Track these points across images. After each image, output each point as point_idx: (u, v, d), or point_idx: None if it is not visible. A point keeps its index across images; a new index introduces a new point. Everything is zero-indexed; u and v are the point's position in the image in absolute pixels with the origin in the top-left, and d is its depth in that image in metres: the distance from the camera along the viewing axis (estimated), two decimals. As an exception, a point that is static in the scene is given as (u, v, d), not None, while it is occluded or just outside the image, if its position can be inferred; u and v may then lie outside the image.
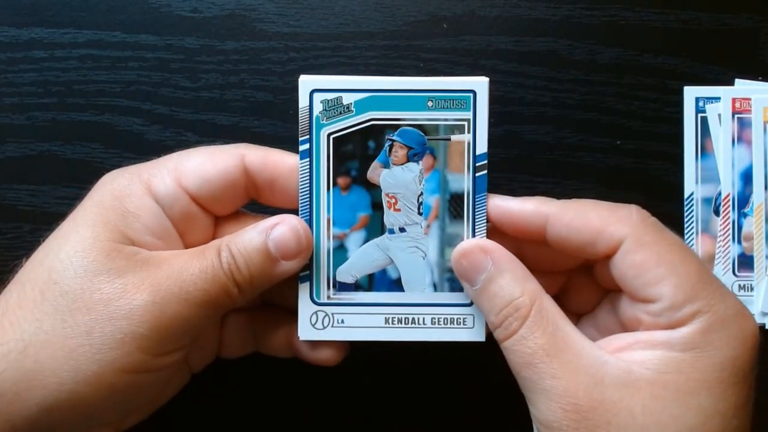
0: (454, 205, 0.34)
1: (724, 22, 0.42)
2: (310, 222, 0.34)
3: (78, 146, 0.41)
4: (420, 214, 0.34)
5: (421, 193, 0.34)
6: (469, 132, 0.34)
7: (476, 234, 0.34)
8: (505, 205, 0.33)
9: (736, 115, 0.42)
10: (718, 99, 0.42)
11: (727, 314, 0.29)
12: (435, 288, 0.34)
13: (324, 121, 0.34)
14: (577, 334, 0.30)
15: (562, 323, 0.31)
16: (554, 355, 0.29)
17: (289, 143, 0.34)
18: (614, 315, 0.34)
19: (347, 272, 0.34)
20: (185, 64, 0.41)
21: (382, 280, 0.34)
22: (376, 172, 0.34)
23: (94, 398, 0.30)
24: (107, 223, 0.32)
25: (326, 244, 0.34)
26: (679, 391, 0.29)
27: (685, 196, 0.42)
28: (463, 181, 0.34)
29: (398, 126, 0.34)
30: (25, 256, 0.33)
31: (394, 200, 0.34)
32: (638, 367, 0.29)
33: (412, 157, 0.34)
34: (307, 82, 0.33)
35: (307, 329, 0.34)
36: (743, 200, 0.41)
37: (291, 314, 0.36)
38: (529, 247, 0.34)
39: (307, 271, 0.34)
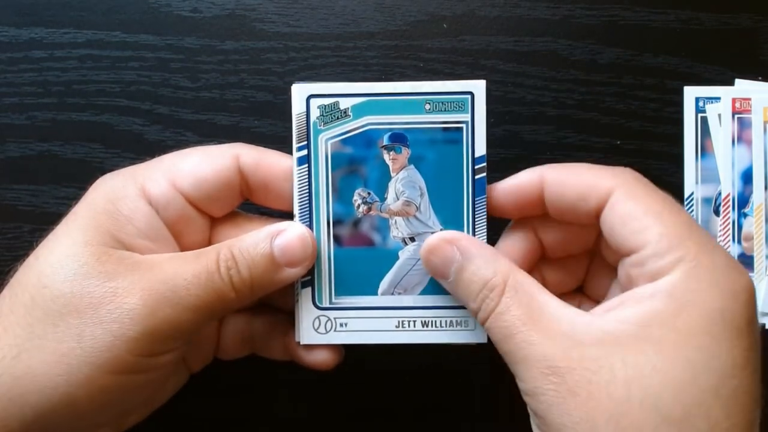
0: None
1: (724, 22, 0.42)
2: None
3: (78, 146, 0.41)
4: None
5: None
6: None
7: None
8: (506, 183, 0.34)
9: (736, 115, 0.41)
10: (718, 99, 0.42)
11: (715, 265, 0.28)
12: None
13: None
14: (555, 301, 0.30)
15: (538, 293, 0.30)
16: (530, 324, 0.29)
17: (289, 143, 0.34)
18: (618, 285, 0.33)
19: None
20: (185, 64, 0.41)
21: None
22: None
23: (87, 400, 0.30)
24: (98, 226, 0.31)
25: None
26: (662, 344, 0.27)
27: (685, 196, 0.42)
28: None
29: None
30: (24, 257, 0.33)
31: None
32: (620, 324, 0.28)
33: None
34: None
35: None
36: (743, 200, 0.41)
37: (287, 317, 0.36)
38: (542, 231, 0.34)
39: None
